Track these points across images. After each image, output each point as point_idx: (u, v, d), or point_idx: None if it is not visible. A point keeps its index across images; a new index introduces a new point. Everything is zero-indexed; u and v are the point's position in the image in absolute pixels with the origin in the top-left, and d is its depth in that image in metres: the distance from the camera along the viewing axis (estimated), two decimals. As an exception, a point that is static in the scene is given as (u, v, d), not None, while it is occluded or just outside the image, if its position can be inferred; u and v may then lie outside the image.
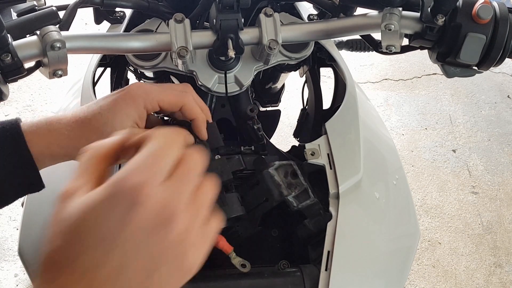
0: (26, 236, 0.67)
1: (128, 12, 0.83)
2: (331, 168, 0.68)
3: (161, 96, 0.61)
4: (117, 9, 0.80)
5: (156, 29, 0.74)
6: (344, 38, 0.99)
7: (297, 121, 1.03)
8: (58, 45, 0.57)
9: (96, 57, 0.83)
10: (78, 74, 0.90)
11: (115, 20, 0.81)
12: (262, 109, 1.27)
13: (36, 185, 0.58)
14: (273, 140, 0.98)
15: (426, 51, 0.69)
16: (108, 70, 0.90)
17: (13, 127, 0.55)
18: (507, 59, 0.63)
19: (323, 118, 0.75)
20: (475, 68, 0.65)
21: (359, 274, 0.64)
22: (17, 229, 1.54)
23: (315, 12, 0.85)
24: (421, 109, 2.49)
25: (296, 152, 0.80)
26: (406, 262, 0.70)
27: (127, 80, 0.97)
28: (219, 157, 0.66)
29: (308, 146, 0.71)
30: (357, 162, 0.70)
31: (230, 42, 0.63)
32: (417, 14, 0.64)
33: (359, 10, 0.70)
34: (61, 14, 0.63)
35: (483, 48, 0.61)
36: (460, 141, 2.35)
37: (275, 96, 1.26)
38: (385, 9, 0.64)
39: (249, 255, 0.63)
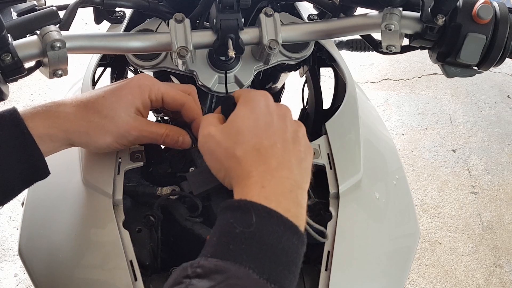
0: (26, 236, 0.67)
1: (128, 12, 0.83)
2: (331, 168, 0.68)
3: (166, 90, 0.62)
4: (117, 9, 0.80)
5: (156, 29, 0.74)
6: (344, 38, 0.99)
7: (297, 121, 1.03)
8: (58, 45, 0.57)
9: (96, 57, 0.83)
10: (78, 74, 0.90)
11: (115, 20, 0.81)
12: (262, 109, 1.27)
13: (42, 170, 0.57)
14: (273, 140, 0.97)
15: (426, 51, 0.69)
16: (108, 70, 0.90)
17: (11, 113, 0.54)
18: (507, 59, 0.63)
19: (323, 118, 0.75)
20: (475, 68, 0.65)
21: (359, 274, 0.64)
22: (17, 229, 1.54)
23: (315, 12, 0.85)
24: (421, 109, 2.49)
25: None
26: (406, 262, 0.70)
27: (127, 80, 0.97)
28: None
29: (308, 146, 0.70)
30: (357, 162, 0.70)
31: (230, 42, 0.63)
32: (417, 14, 0.64)
33: (359, 10, 0.70)
34: (61, 14, 0.63)
35: (483, 48, 0.61)
36: (460, 141, 2.35)
37: (275, 96, 1.26)
38: (385, 9, 0.64)
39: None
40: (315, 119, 0.90)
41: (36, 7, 0.65)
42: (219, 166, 0.54)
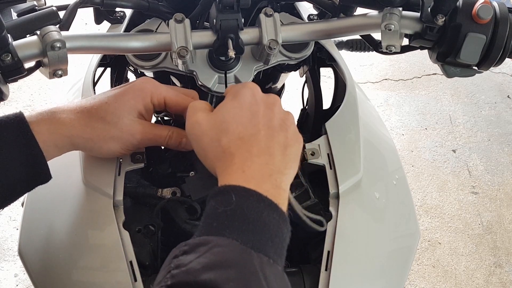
0: (26, 236, 0.67)
1: (128, 12, 0.83)
2: (331, 168, 0.68)
3: (168, 94, 0.62)
4: (117, 9, 0.80)
5: (156, 29, 0.74)
6: (344, 38, 0.99)
7: (297, 121, 1.03)
8: (58, 45, 0.57)
9: (97, 57, 0.83)
10: (78, 74, 0.90)
11: (115, 20, 0.81)
12: (262, 109, 1.26)
13: (43, 174, 0.57)
14: (273, 140, 0.97)
15: (426, 51, 0.69)
16: (108, 70, 0.90)
17: (17, 116, 0.55)
18: (507, 59, 0.63)
19: (323, 118, 0.75)
20: (475, 68, 0.65)
21: (359, 274, 0.64)
22: (17, 229, 1.54)
23: (315, 12, 0.85)
24: (421, 109, 2.49)
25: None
26: (406, 262, 0.70)
27: (127, 80, 0.97)
28: None
29: (308, 146, 0.71)
30: (357, 162, 0.70)
31: (230, 42, 0.63)
32: (417, 14, 0.64)
33: (359, 10, 0.70)
34: (61, 14, 0.63)
35: (483, 48, 0.61)
36: (460, 141, 2.35)
37: (275, 96, 1.26)
38: (385, 9, 0.64)
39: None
40: (315, 119, 0.89)
41: (36, 7, 0.65)
42: (205, 153, 0.56)
